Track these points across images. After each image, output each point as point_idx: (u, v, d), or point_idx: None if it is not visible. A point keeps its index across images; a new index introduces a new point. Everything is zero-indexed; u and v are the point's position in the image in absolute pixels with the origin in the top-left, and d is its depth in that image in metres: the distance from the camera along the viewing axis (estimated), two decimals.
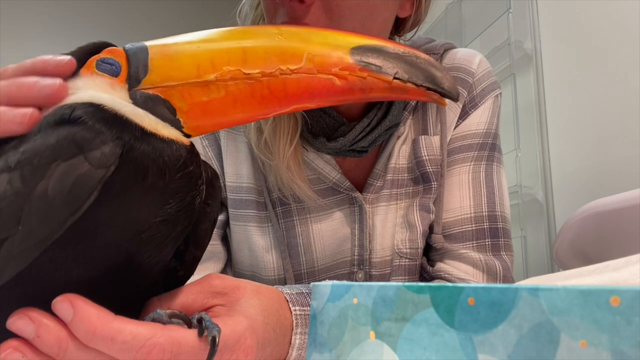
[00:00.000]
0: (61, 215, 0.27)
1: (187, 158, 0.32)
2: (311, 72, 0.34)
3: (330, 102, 0.37)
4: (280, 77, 0.34)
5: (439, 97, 0.36)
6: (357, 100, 0.37)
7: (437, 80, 0.35)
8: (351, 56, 0.34)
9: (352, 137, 0.63)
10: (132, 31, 2.80)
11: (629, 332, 0.20)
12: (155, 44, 0.34)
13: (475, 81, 0.71)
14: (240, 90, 0.34)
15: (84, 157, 0.28)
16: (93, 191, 0.28)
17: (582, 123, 1.24)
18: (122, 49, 0.34)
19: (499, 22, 1.48)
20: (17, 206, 0.27)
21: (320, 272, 0.68)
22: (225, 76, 0.33)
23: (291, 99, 0.35)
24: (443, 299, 0.26)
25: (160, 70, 0.33)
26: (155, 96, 0.33)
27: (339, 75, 0.34)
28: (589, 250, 0.88)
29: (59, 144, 0.28)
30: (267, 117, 0.37)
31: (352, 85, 0.35)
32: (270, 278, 0.67)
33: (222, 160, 0.69)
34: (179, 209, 0.32)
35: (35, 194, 0.27)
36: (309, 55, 0.34)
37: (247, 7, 0.66)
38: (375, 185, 0.68)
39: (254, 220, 0.68)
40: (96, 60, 0.33)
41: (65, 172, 0.27)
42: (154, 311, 0.32)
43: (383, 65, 0.35)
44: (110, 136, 0.29)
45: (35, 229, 0.27)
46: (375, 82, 0.35)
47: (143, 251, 0.32)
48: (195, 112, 0.34)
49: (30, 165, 0.28)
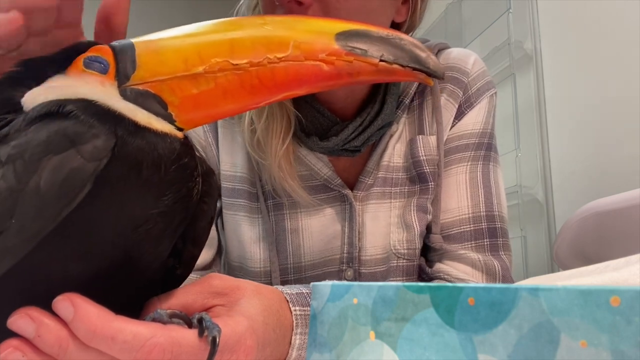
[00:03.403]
0: (54, 208, 0.27)
1: (181, 150, 0.32)
2: (298, 60, 0.34)
3: (320, 88, 0.37)
4: (269, 66, 0.34)
5: (425, 76, 0.36)
6: (346, 84, 0.37)
7: (422, 61, 0.36)
8: (337, 41, 0.35)
9: (344, 137, 0.64)
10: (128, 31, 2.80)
11: (629, 332, 0.20)
12: (141, 40, 0.34)
13: (470, 81, 0.71)
14: (229, 82, 0.34)
15: (75, 151, 0.28)
16: (86, 184, 0.28)
17: (582, 123, 1.24)
18: (108, 46, 0.34)
19: (499, 22, 1.48)
20: (9, 200, 0.27)
21: (307, 268, 0.68)
22: (214, 68, 0.33)
23: (281, 87, 0.35)
24: (443, 299, 0.26)
25: (148, 66, 0.33)
26: (146, 91, 0.33)
27: (326, 61, 0.35)
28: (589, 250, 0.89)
29: (50, 138, 0.28)
30: (258, 106, 0.37)
31: (340, 70, 0.35)
32: (256, 270, 0.68)
33: (218, 148, 0.69)
34: (176, 201, 0.32)
35: (27, 188, 0.27)
36: (295, 42, 0.34)
37: (245, 8, 0.67)
38: (366, 183, 0.68)
39: (244, 210, 0.68)
40: (83, 58, 0.33)
41: (57, 166, 0.27)
42: (155, 311, 0.32)
43: (368, 49, 0.35)
44: (103, 129, 0.29)
45: (28, 223, 0.27)
46: (362, 66, 0.35)
47: (141, 246, 0.32)
48: (186, 105, 0.34)
49: (22, 159, 0.28)
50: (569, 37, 1.30)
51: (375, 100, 0.66)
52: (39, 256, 0.28)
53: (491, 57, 1.46)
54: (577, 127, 1.26)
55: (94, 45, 0.34)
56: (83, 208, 0.28)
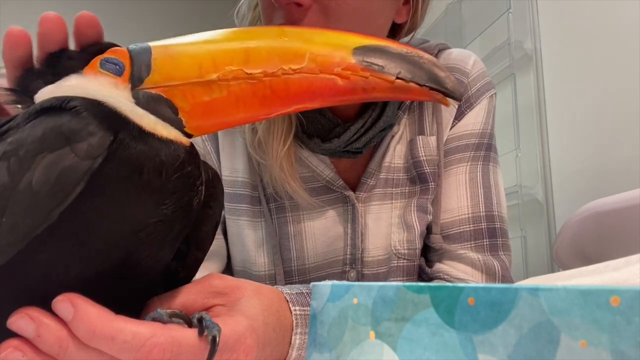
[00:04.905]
0: (46, 207, 0.27)
1: (185, 158, 0.32)
2: (313, 72, 0.34)
3: (333, 102, 0.37)
4: (283, 77, 0.34)
5: (442, 97, 0.36)
6: (360, 100, 0.37)
7: (440, 80, 0.35)
8: (354, 56, 0.34)
9: (346, 139, 0.63)
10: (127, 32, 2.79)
11: (629, 332, 0.20)
12: (158, 44, 0.34)
13: (470, 81, 0.71)
14: (242, 90, 0.34)
15: (70, 149, 0.28)
16: (79, 182, 0.28)
17: (582, 123, 1.24)
18: (125, 49, 0.34)
19: (499, 22, 1.48)
20: (2, 198, 0.27)
21: (311, 270, 0.68)
22: (228, 76, 0.33)
23: (293, 99, 0.35)
24: (443, 299, 0.26)
25: (162, 70, 0.33)
26: (158, 96, 0.33)
27: (342, 75, 0.34)
28: (589, 250, 0.89)
29: (45, 135, 0.28)
30: (269, 117, 0.37)
31: (355, 85, 0.35)
32: (260, 274, 0.67)
33: (219, 154, 0.69)
34: (176, 210, 0.32)
35: (20, 186, 0.27)
36: (312, 55, 0.34)
37: (245, 8, 0.66)
38: (368, 184, 0.68)
39: (247, 214, 0.68)
40: (100, 60, 0.33)
41: (50, 164, 0.27)
42: (155, 310, 0.32)
43: (386, 65, 0.34)
44: (99, 128, 0.29)
45: (20, 221, 0.27)
46: (377, 82, 0.35)
47: (141, 250, 0.32)
48: (197, 111, 0.34)
49: (17, 156, 0.28)
50: (569, 37, 1.30)
51: (377, 103, 0.66)
52: (40, 256, 0.28)
53: (491, 57, 1.47)
54: (577, 127, 1.26)
55: (112, 46, 0.34)
56: (81, 207, 0.28)
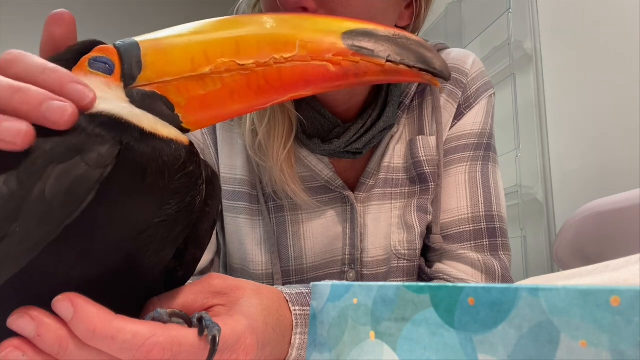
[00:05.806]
0: (59, 216, 0.27)
1: (186, 158, 0.32)
2: (305, 60, 0.34)
3: (326, 89, 0.37)
4: (275, 67, 0.34)
5: (431, 77, 0.36)
6: (352, 85, 0.37)
7: (429, 61, 0.35)
8: (343, 41, 0.34)
9: (346, 139, 0.63)
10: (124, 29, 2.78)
11: (629, 332, 0.20)
12: (145, 39, 0.34)
13: (470, 81, 0.71)
14: (236, 82, 0.34)
15: (80, 159, 0.28)
16: (91, 191, 0.28)
17: (582, 123, 1.24)
18: (112, 46, 0.33)
19: (499, 22, 1.48)
20: (12, 206, 0.27)
21: (309, 270, 0.68)
22: (220, 68, 0.33)
23: (287, 87, 0.35)
24: (443, 299, 0.26)
25: (154, 66, 0.33)
26: (153, 93, 0.33)
27: (333, 61, 0.34)
28: (589, 250, 0.89)
29: (54, 148, 0.28)
30: (265, 107, 0.37)
31: (347, 71, 0.35)
32: (257, 272, 0.67)
33: (217, 148, 0.69)
34: (179, 210, 0.32)
35: (32, 195, 0.27)
36: (302, 42, 0.34)
37: (245, 6, 0.66)
38: (367, 184, 0.68)
39: (245, 212, 0.68)
40: (88, 59, 0.33)
41: (62, 173, 0.27)
42: (155, 310, 0.32)
43: (375, 49, 0.35)
44: (108, 138, 0.29)
45: (33, 230, 0.27)
46: (368, 66, 0.35)
47: (143, 251, 0.32)
48: (193, 106, 0.34)
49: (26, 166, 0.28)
50: (569, 37, 1.30)
51: (377, 103, 0.66)
52: (41, 258, 0.28)
53: (491, 57, 1.47)
54: (577, 127, 1.26)
55: (98, 44, 0.34)
56: (87, 214, 0.28)
